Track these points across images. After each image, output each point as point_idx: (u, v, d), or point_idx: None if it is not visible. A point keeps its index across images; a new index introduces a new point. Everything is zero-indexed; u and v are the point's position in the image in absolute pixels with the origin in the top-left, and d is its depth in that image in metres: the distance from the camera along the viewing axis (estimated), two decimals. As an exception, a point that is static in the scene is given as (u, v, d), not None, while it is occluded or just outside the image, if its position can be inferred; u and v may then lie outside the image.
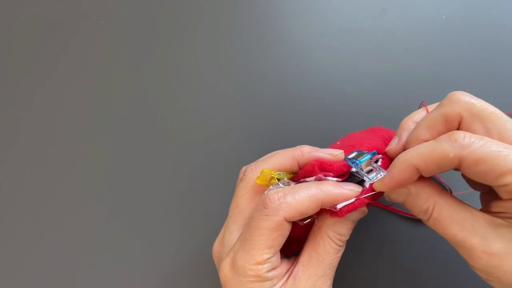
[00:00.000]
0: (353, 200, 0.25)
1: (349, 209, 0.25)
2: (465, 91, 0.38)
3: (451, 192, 0.36)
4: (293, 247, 0.29)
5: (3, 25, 0.46)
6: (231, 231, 0.28)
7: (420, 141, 0.25)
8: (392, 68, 0.40)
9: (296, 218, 0.24)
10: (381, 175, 0.25)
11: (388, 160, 0.28)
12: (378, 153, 0.28)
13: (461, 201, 0.24)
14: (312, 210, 0.24)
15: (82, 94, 0.43)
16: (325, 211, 0.26)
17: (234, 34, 0.43)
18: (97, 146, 0.41)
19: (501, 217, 0.22)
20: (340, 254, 0.26)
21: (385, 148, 0.28)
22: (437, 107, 0.25)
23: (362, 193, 0.25)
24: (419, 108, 0.29)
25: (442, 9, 0.42)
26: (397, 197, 0.25)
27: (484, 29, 0.40)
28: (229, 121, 0.40)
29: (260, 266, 0.24)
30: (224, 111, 0.41)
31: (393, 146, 0.27)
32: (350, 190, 0.25)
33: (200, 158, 0.39)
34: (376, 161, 0.28)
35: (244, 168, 0.29)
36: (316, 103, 0.40)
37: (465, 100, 0.24)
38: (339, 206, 0.25)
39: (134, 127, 0.41)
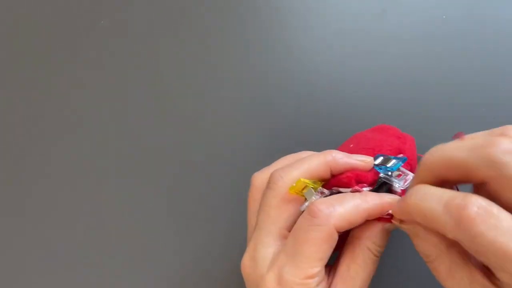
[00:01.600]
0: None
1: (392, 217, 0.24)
2: (465, 91, 0.39)
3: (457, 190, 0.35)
4: None
5: (3, 25, 0.46)
6: (265, 244, 0.26)
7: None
8: (392, 68, 0.40)
9: (345, 228, 0.24)
10: (409, 178, 0.25)
11: (410, 160, 0.27)
12: (399, 152, 0.28)
13: (466, 258, 0.22)
14: (360, 221, 0.24)
15: (83, 93, 0.43)
16: (376, 220, 0.25)
17: (234, 34, 0.43)
18: (98, 146, 0.41)
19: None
20: (377, 265, 0.25)
21: (402, 145, 0.28)
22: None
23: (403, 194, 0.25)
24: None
25: (442, 9, 0.42)
26: (405, 229, 0.25)
27: (484, 29, 0.40)
28: (228, 124, 0.40)
29: (310, 280, 0.23)
30: (223, 113, 0.41)
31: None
32: (392, 200, 0.25)
33: (203, 160, 0.39)
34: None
35: (256, 174, 0.29)
36: (316, 103, 0.40)
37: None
38: (391, 211, 0.24)
39: (137, 127, 0.41)
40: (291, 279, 0.23)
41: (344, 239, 0.26)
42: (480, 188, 0.21)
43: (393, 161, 0.26)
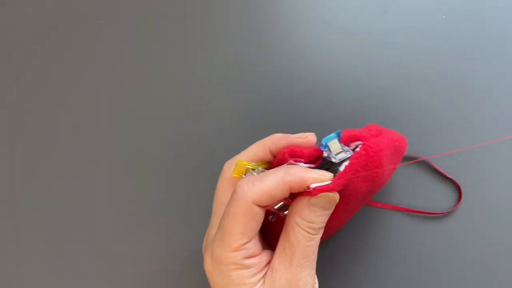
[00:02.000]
0: (327, 182, 0.24)
1: (323, 189, 0.24)
2: (465, 91, 0.39)
3: (460, 191, 0.35)
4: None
5: (3, 25, 0.46)
6: (214, 226, 0.27)
7: None
8: (392, 68, 0.40)
9: (265, 201, 0.24)
10: (348, 154, 0.25)
11: (371, 149, 0.27)
12: (359, 140, 0.28)
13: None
14: (280, 193, 0.24)
15: (83, 93, 0.43)
16: (298, 195, 0.25)
17: (234, 33, 0.43)
18: (99, 146, 0.41)
19: None
20: (313, 242, 0.25)
21: (368, 137, 0.28)
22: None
23: (336, 177, 0.25)
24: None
25: (442, 9, 0.42)
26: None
27: (484, 29, 0.41)
28: (224, 121, 0.40)
29: (235, 253, 0.24)
30: (221, 112, 0.41)
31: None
32: (321, 175, 0.24)
33: (194, 157, 0.39)
34: (356, 148, 0.27)
35: (226, 162, 0.30)
36: (315, 104, 0.40)
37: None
38: (312, 186, 0.24)
39: (132, 126, 0.41)
40: (219, 252, 0.24)
41: None
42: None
43: (335, 140, 0.26)
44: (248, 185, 0.24)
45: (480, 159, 0.37)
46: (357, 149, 0.27)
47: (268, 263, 0.25)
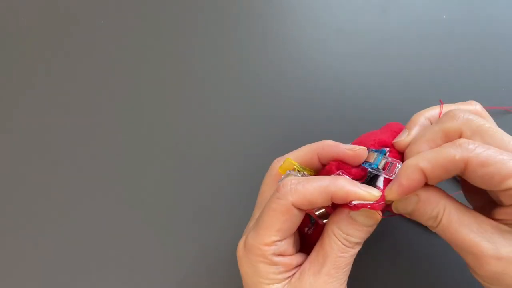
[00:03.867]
0: (371, 202, 0.24)
1: (364, 206, 0.24)
2: (465, 90, 0.39)
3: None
4: None
5: (3, 26, 0.46)
6: (254, 216, 0.28)
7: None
8: (392, 68, 0.40)
9: (305, 206, 0.24)
10: (398, 167, 0.25)
11: (396, 153, 0.27)
12: (385, 146, 0.28)
13: (466, 206, 0.24)
14: (321, 201, 0.24)
15: (83, 93, 0.43)
16: (341, 206, 0.26)
17: (233, 34, 0.43)
18: (100, 146, 0.41)
19: (506, 224, 0.23)
20: (346, 254, 0.25)
21: (391, 140, 0.28)
22: (436, 123, 0.26)
23: (381, 198, 0.25)
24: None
25: (442, 9, 0.42)
26: (406, 206, 0.25)
27: (484, 29, 0.41)
28: (230, 126, 0.40)
29: (266, 247, 0.24)
30: (223, 115, 0.41)
31: (401, 138, 0.27)
32: (366, 192, 0.24)
33: (208, 158, 0.39)
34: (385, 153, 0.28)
35: (276, 159, 0.30)
36: (314, 104, 0.40)
37: (464, 117, 0.25)
38: (354, 202, 0.24)
39: (139, 127, 0.41)
40: (251, 242, 0.25)
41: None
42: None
43: (374, 155, 0.26)
44: (291, 186, 0.24)
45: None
46: (388, 154, 0.27)
47: (299, 265, 0.26)
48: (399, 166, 0.25)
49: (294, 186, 0.24)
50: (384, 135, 0.28)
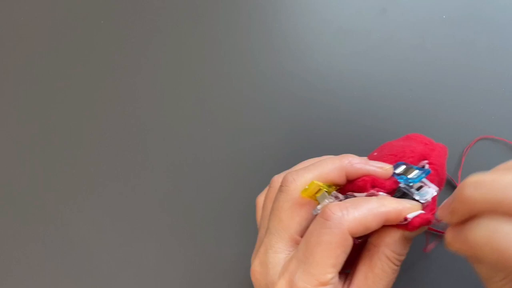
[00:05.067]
0: (420, 212, 0.23)
1: (421, 221, 0.23)
2: (465, 90, 0.39)
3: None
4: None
5: (3, 27, 0.46)
6: (276, 250, 0.25)
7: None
8: (391, 68, 0.40)
9: (360, 233, 0.23)
10: (431, 192, 0.24)
11: (436, 166, 0.26)
12: (424, 159, 0.27)
13: None
14: (376, 225, 0.23)
15: (83, 93, 0.43)
16: (387, 227, 0.24)
17: (232, 34, 0.43)
18: (102, 148, 0.41)
19: None
20: (396, 274, 0.24)
21: (428, 152, 0.27)
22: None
23: (426, 207, 0.24)
24: None
25: (442, 9, 0.41)
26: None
27: (484, 29, 0.40)
28: (231, 131, 0.40)
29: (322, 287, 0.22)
30: (224, 118, 0.41)
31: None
32: (412, 205, 0.23)
33: (215, 162, 0.39)
34: (423, 167, 0.26)
35: (276, 177, 0.28)
36: (314, 104, 0.40)
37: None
38: (410, 216, 0.23)
39: (141, 127, 0.41)
40: (303, 285, 0.22)
41: (362, 246, 0.25)
42: None
43: (415, 171, 0.24)
44: (343, 212, 0.22)
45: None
46: (426, 167, 0.26)
47: None
48: (433, 192, 0.24)
49: (346, 212, 0.22)
50: (419, 147, 0.27)
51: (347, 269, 0.25)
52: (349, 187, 0.25)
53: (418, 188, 0.25)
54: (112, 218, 0.39)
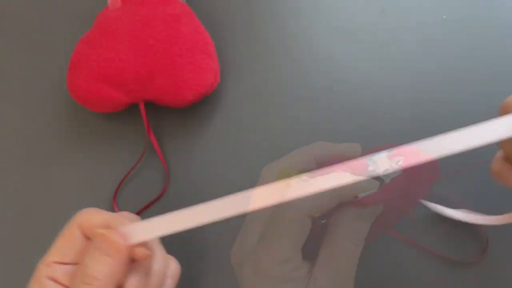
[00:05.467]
0: (374, 190, 0.23)
1: (373, 199, 0.23)
2: (465, 90, 0.38)
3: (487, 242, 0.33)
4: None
5: (2, 23, 0.46)
6: (251, 233, 0.26)
7: None
8: (391, 68, 0.40)
9: (317, 213, 0.23)
10: (392, 175, 0.24)
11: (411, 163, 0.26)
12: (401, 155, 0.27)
13: None
14: (332, 204, 0.24)
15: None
16: (345, 206, 0.25)
17: (232, 34, 0.43)
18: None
19: None
20: (357, 253, 0.25)
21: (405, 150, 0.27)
22: None
23: (384, 187, 0.24)
24: None
25: (442, 9, 0.41)
26: None
27: (484, 29, 0.40)
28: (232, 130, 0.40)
29: (283, 266, 0.23)
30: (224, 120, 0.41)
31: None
32: (368, 184, 0.24)
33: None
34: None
35: (264, 167, 0.28)
36: (314, 105, 0.40)
37: None
38: (361, 195, 0.23)
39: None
40: (265, 265, 0.23)
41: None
42: None
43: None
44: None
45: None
46: (400, 163, 0.26)
47: (308, 273, 0.25)
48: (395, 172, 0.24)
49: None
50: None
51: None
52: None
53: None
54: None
